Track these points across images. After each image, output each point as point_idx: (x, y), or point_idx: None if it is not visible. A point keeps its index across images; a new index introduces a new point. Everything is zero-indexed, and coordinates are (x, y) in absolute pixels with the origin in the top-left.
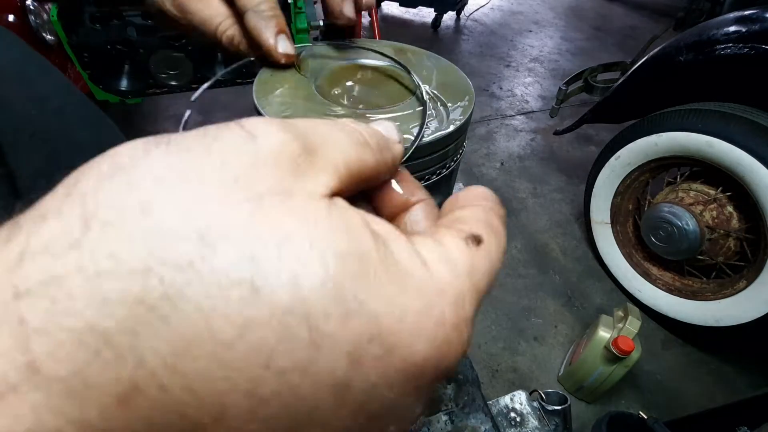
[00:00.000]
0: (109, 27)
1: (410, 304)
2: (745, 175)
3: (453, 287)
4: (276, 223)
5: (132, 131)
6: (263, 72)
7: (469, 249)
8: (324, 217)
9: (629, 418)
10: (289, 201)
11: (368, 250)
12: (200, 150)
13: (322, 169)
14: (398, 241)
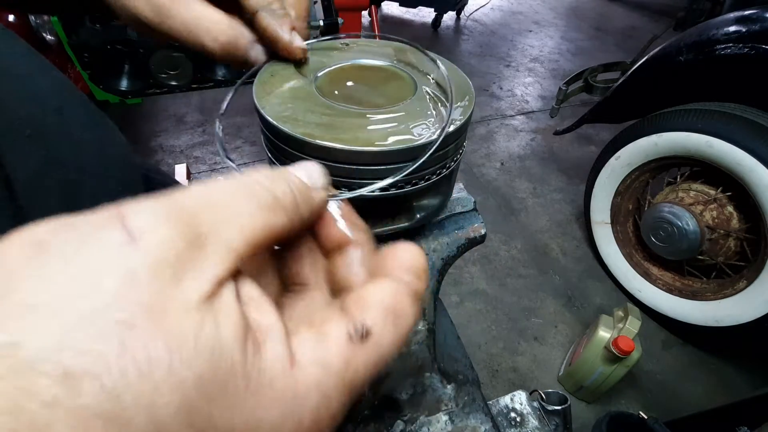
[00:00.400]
0: (109, 27)
1: (267, 415)
2: (745, 175)
3: (318, 390)
4: (142, 354)
5: (132, 131)
6: (263, 72)
7: (350, 345)
8: (191, 338)
9: (629, 418)
10: (160, 322)
11: (231, 366)
12: (78, 264)
13: (209, 259)
14: (272, 344)
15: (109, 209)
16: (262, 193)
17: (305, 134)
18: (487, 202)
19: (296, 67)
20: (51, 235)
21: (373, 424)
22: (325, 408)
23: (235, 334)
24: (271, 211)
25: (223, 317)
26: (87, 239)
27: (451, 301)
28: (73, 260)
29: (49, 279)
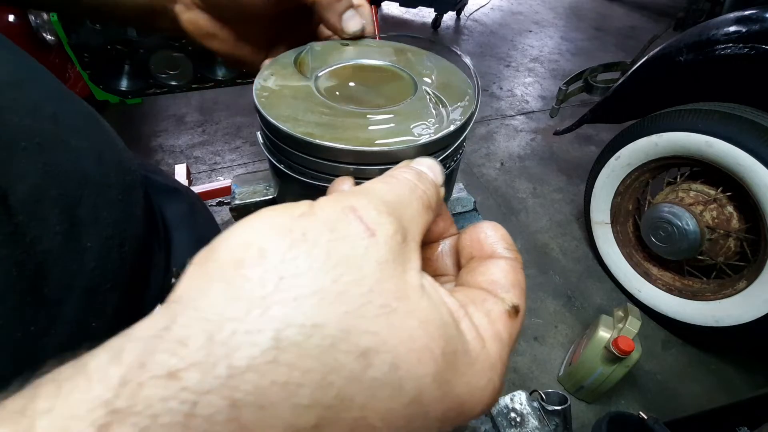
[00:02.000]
0: (109, 27)
1: (477, 383)
2: (745, 175)
3: (501, 360)
4: (405, 332)
5: (132, 131)
6: (263, 72)
7: (511, 321)
8: (432, 317)
9: (629, 418)
10: (409, 305)
11: (455, 344)
12: (337, 253)
13: (413, 252)
14: (464, 321)
15: (337, 200)
16: (423, 197)
17: (305, 134)
18: (487, 202)
19: (297, 67)
20: (297, 224)
21: None
22: (503, 372)
23: (450, 314)
24: (428, 211)
25: (437, 299)
26: (336, 231)
27: None
28: (332, 250)
29: (316, 268)
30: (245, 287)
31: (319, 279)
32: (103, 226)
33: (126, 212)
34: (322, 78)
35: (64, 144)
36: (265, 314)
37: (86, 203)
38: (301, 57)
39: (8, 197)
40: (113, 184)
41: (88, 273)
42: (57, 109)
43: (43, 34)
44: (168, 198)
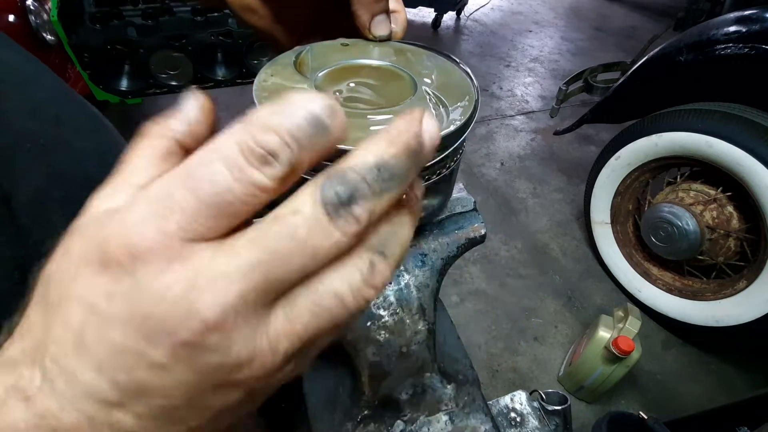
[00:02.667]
0: (109, 27)
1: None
2: (745, 175)
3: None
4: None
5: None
6: (262, 72)
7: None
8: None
9: (629, 418)
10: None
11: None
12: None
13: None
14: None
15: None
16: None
17: None
18: (487, 202)
19: (297, 67)
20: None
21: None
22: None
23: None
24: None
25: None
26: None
27: (451, 301)
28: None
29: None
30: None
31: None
32: None
33: None
34: (322, 78)
35: (68, 145)
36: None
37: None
38: (301, 57)
39: (11, 199)
40: None
41: None
42: (60, 110)
43: (43, 34)
44: None
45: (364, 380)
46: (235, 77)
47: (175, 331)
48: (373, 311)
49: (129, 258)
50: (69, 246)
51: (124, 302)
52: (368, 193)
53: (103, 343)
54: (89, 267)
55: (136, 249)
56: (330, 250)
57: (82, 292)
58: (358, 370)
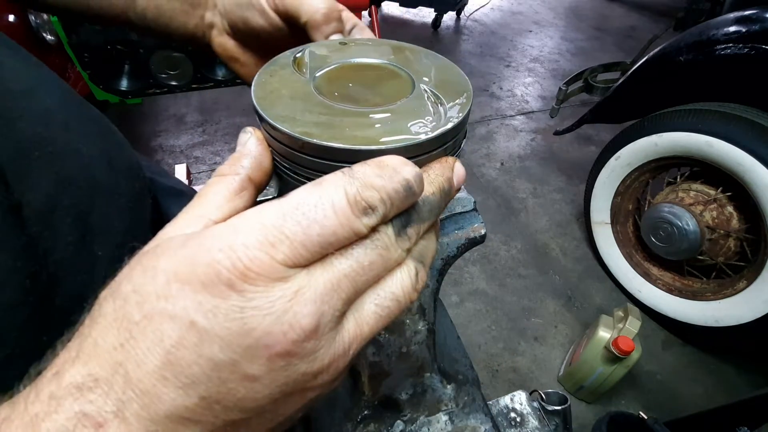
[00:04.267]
0: (109, 27)
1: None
2: (745, 175)
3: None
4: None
5: (132, 131)
6: (261, 72)
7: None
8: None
9: (629, 418)
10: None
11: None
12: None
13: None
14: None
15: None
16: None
17: (303, 133)
18: (487, 202)
19: (295, 67)
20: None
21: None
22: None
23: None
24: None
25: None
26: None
27: (451, 301)
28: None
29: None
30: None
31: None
32: (114, 234)
33: (136, 219)
34: (320, 77)
35: (76, 152)
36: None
37: (98, 212)
38: (300, 57)
39: (23, 208)
40: (123, 192)
41: (100, 282)
42: (68, 115)
43: (43, 34)
44: (173, 200)
45: (364, 380)
46: (235, 77)
47: (275, 343)
48: None
49: (239, 278)
50: (155, 266)
51: (228, 319)
52: (417, 219)
53: (201, 359)
54: (187, 285)
55: (248, 270)
56: (396, 261)
57: (179, 309)
58: (358, 370)
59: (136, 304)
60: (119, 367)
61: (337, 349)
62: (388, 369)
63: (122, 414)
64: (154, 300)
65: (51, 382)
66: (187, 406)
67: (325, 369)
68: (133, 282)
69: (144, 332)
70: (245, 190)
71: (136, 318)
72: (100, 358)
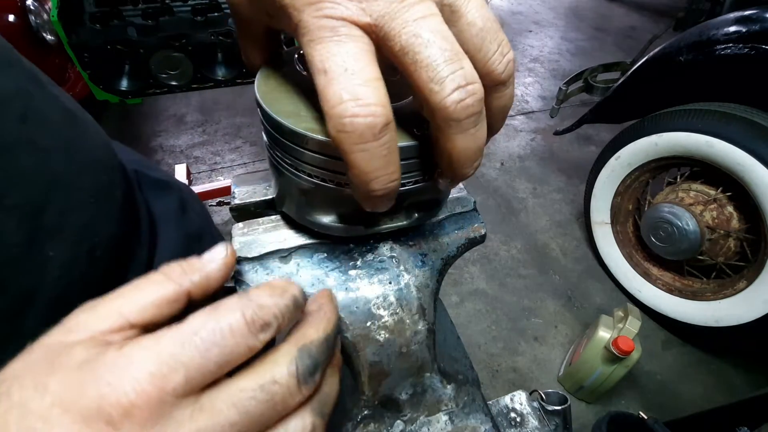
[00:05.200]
0: (109, 27)
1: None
2: (745, 175)
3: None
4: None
5: (132, 131)
6: (263, 70)
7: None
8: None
9: (629, 418)
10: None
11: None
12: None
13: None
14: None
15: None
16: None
17: (308, 129)
18: (487, 202)
19: (299, 62)
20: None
21: (373, 424)
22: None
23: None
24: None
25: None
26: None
27: (451, 301)
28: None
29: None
30: None
31: None
32: (70, 232)
33: (99, 214)
34: None
35: (31, 145)
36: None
37: (52, 209)
38: (302, 54)
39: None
40: (85, 186)
41: (53, 282)
42: (27, 105)
43: (43, 34)
44: (158, 192)
45: (364, 380)
46: (235, 77)
47: None
48: (373, 311)
49: (121, 414)
50: (45, 384)
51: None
52: (324, 361)
53: None
54: (68, 415)
55: (132, 406)
56: (293, 408)
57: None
58: (358, 370)
59: (17, 418)
60: None
61: None
62: (388, 369)
63: None
64: (33, 419)
65: None
66: None
67: None
68: (23, 393)
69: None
70: (177, 303)
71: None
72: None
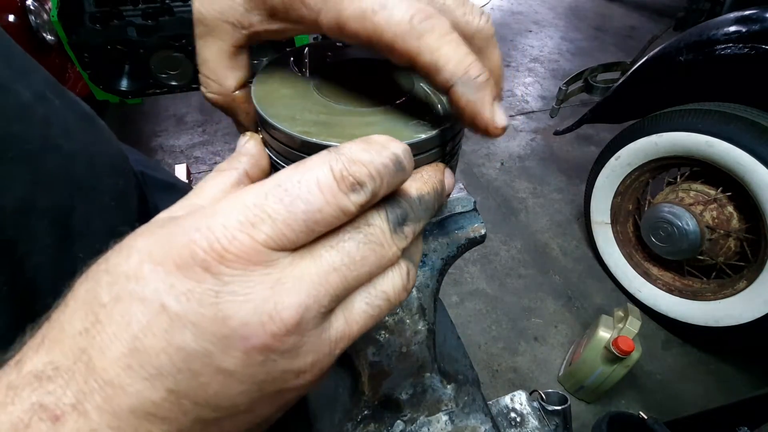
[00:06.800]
0: (109, 27)
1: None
2: (745, 175)
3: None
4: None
5: (132, 131)
6: (262, 72)
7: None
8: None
9: (629, 418)
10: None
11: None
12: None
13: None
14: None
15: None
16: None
17: (303, 132)
18: (487, 202)
19: (295, 66)
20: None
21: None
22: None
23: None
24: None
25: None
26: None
27: (451, 301)
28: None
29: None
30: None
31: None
32: (95, 234)
33: (120, 217)
34: (320, 77)
35: (56, 149)
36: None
37: (78, 212)
38: (300, 56)
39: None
40: (107, 189)
41: None
42: (49, 110)
43: (43, 34)
44: (164, 194)
45: (364, 380)
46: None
47: (252, 334)
48: None
49: (216, 260)
50: (131, 246)
51: (202, 304)
52: (414, 218)
53: (170, 347)
54: (160, 266)
55: (226, 252)
56: (390, 259)
57: (150, 292)
58: (358, 370)
59: (106, 285)
60: (82, 354)
61: (321, 347)
62: (388, 369)
63: (82, 406)
64: (124, 281)
65: (12, 371)
66: (153, 401)
67: (307, 368)
68: (108, 261)
69: (111, 316)
70: (242, 184)
71: (105, 300)
72: (64, 345)
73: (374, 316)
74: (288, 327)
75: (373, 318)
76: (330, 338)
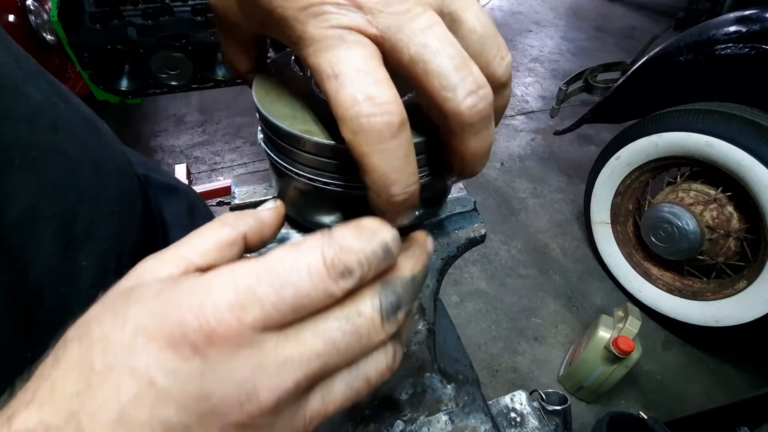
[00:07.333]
0: (109, 27)
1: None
2: (745, 175)
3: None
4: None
5: (132, 131)
6: (262, 71)
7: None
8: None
9: (629, 418)
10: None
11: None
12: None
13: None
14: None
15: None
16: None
17: (304, 131)
18: (487, 202)
19: (296, 65)
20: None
21: (373, 424)
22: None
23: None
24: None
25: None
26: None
27: (451, 301)
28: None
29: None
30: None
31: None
32: (99, 241)
33: (124, 223)
34: None
35: (62, 156)
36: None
37: (82, 219)
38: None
39: (3, 220)
40: (111, 195)
41: (86, 291)
42: (55, 115)
43: (43, 34)
44: (167, 197)
45: None
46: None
47: (230, 412)
48: None
49: (204, 341)
50: (125, 315)
51: (187, 381)
52: (407, 301)
53: (153, 419)
54: (153, 342)
55: (214, 333)
56: (377, 345)
57: (141, 366)
58: None
59: (100, 352)
60: (73, 417)
61: (296, 423)
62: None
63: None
64: (118, 351)
65: (3, 426)
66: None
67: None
68: (103, 327)
69: (102, 383)
70: (235, 246)
71: (98, 367)
72: (56, 404)
73: (352, 397)
74: (264, 409)
75: (351, 399)
76: (305, 416)
